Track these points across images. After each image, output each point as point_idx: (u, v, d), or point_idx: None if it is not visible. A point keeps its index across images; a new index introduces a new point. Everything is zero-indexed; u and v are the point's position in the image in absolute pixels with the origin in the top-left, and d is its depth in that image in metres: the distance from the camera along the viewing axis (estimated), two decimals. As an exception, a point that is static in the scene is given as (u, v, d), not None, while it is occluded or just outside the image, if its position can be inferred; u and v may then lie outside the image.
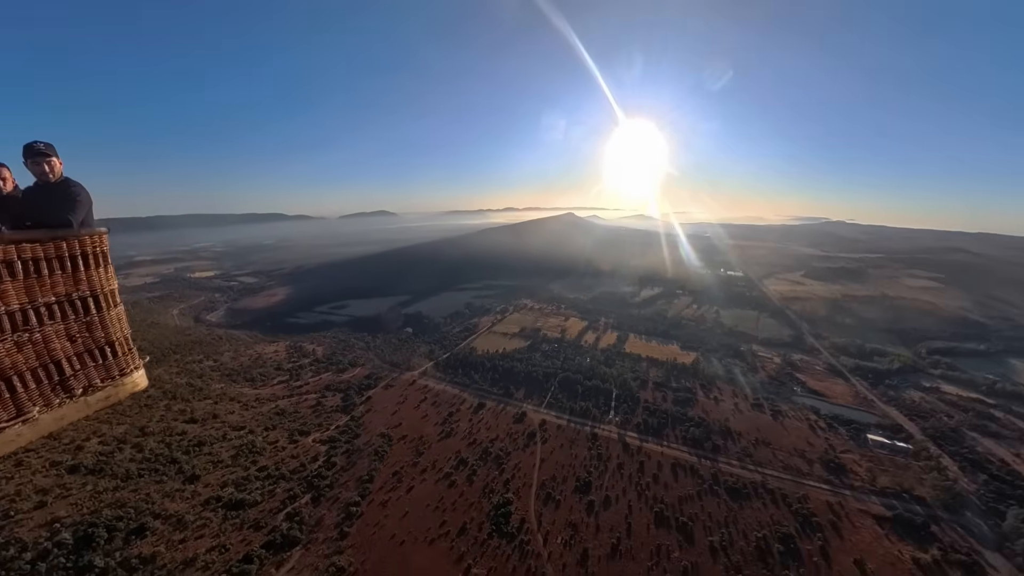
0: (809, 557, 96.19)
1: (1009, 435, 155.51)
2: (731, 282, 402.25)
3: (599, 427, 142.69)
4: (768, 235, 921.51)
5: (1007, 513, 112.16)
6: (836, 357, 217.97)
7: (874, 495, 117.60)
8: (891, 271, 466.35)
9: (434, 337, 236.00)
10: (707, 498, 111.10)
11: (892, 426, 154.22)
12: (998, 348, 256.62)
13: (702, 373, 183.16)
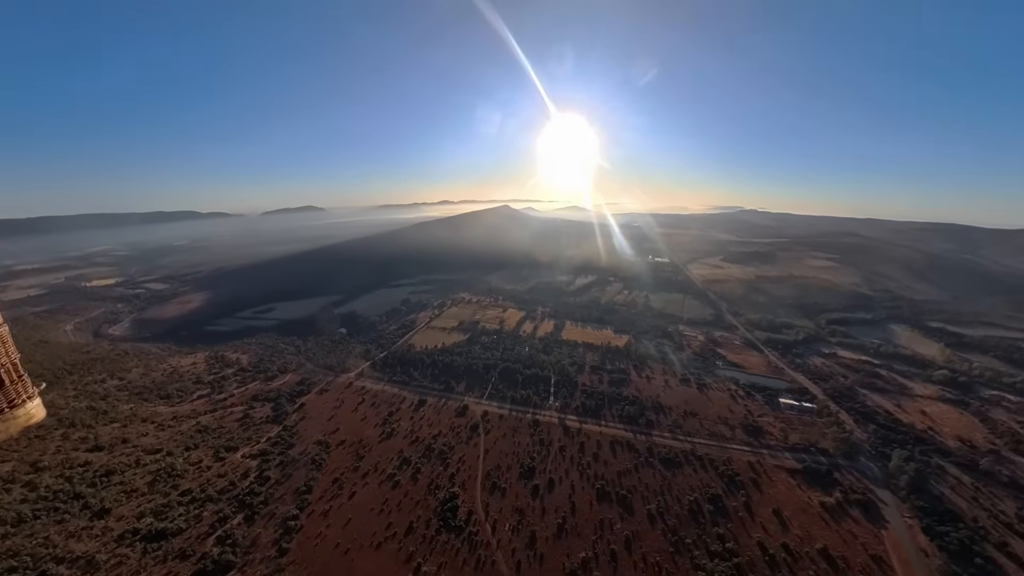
0: (735, 512, 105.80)
1: (891, 389, 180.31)
2: (659, 268, 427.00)
3: (540, 413, 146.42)
4: (692, 223, 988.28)
5: (892, 455, 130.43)
6: (751, 332, 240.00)
7: (787, 451, 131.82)
8: (796, 253, 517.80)
9: (370, 336, 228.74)
10: (644, 470, 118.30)
11: (800, 390, 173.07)
12: (882, 316, 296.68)
13: (635, 354, 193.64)
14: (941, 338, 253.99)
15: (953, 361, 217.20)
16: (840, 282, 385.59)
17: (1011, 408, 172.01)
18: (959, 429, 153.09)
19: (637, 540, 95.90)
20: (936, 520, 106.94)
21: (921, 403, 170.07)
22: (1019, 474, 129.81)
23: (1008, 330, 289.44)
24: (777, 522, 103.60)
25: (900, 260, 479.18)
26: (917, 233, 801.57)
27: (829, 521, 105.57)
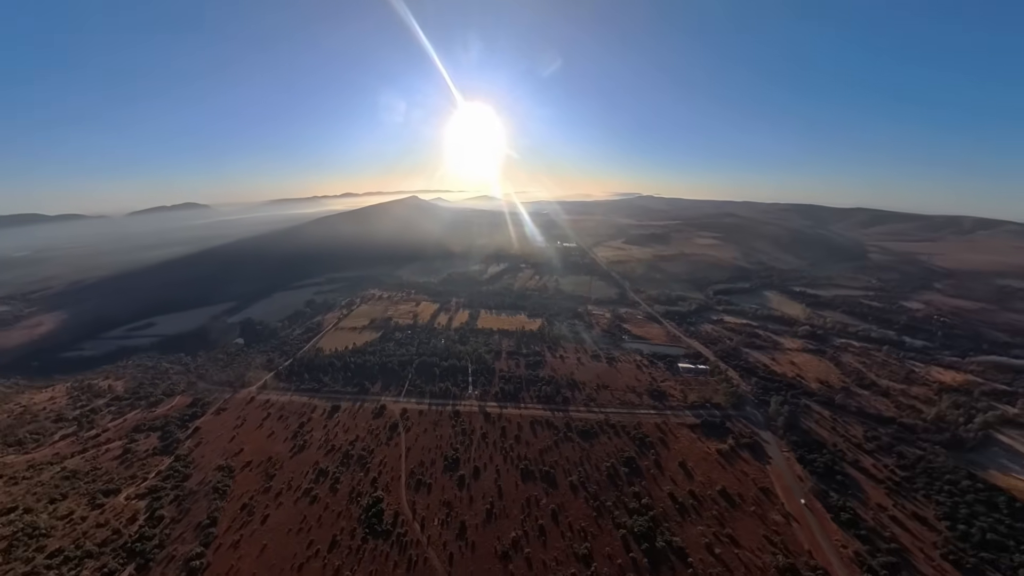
0: (647, 471, 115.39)
1: (767, 346, 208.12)
2: (567, 253, 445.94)
3: (460, 404, 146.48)
4: (596, 209, 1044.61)
5: (771, 401, 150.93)
6: (652, 306, 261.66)
7: (687, 410, 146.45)
8: (687, 234, 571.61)
9: (272, 344, 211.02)
10: (563, 445, 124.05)
11: (695, 354, 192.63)
12: (757, 285, 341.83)
13: (548, 336, 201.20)
14: (803, 300, 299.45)
15: (812, 318, 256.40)
16: (723, 257, 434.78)
17: (856, 352, 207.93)
18: (819, 373, 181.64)
19: (563, 511, 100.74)
20: (807, 450, 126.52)
21: (790, 355, 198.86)
22: (864, 404, 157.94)
23: (851, 289, 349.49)
24: (683, 473, 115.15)
25: (769, 236, 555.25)
26: (782, 213, 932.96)
27: (725, 465, 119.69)
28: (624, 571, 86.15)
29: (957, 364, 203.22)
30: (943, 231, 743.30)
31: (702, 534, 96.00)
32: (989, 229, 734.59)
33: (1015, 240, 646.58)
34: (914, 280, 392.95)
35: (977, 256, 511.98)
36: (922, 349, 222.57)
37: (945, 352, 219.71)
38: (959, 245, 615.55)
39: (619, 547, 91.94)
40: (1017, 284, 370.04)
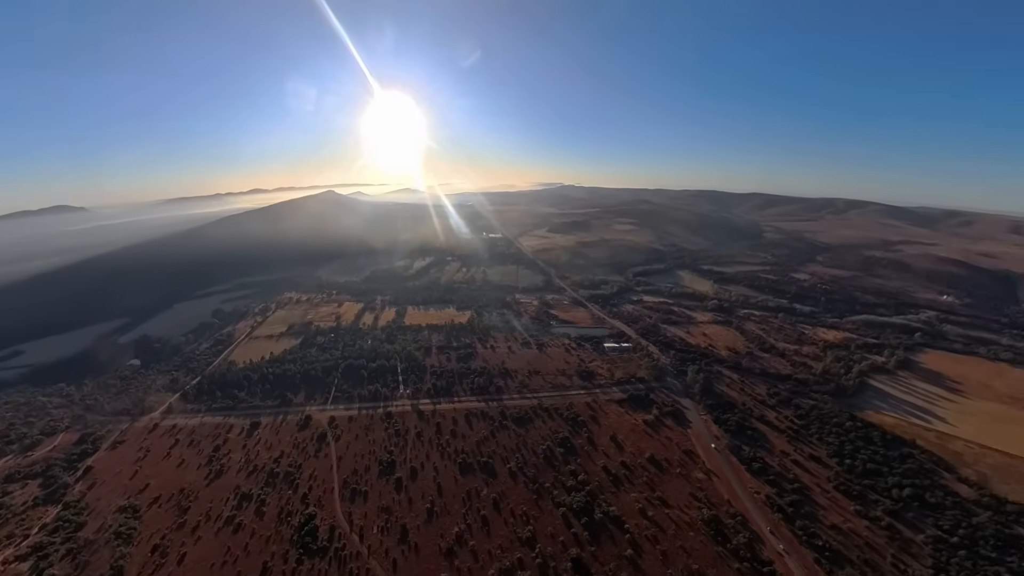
0: (581, 448, 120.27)
1: (682, 320, 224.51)
2: (493, 243, 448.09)
3: (392, 405, 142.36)
4: (519, 200, 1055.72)
5: (687, 371, 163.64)
6: (577, 291, 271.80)
7: (614, 386, 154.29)
8: (606, 221, 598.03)
9: (175, 363, 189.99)
10: (500, 433, 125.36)
11: (618, 333, 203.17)
12: (671, 265, 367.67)
13: (478, 328, 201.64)
14: (711, 277, 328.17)
15: (719, 293, 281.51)
16: (640, 241, 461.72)
17: (757, 320, 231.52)
18: (727, 342, 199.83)
19: (504, 499, 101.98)
20: (721, 411, 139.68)
21: (702, 327, 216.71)
22: (765, 365, 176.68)
23: (751, 265, 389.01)
24: (615, 446, 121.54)
25: (680, 220, 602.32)
26: (690, 199, 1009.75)
27: (652, 434, 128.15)
28: (567, 547, 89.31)
29: (837, 324, 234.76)
30: (823, 211, 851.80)
31: (635, 500, 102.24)
32: (858, 209, 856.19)
33: (878, 218, 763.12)
34: (801, 254, 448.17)
35: (849, 232, 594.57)
36: (809, 314, 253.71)
37: (827, 315, 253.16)
38: (835, 223, 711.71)
39: (560, 525, 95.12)
40: (879, 254, 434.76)
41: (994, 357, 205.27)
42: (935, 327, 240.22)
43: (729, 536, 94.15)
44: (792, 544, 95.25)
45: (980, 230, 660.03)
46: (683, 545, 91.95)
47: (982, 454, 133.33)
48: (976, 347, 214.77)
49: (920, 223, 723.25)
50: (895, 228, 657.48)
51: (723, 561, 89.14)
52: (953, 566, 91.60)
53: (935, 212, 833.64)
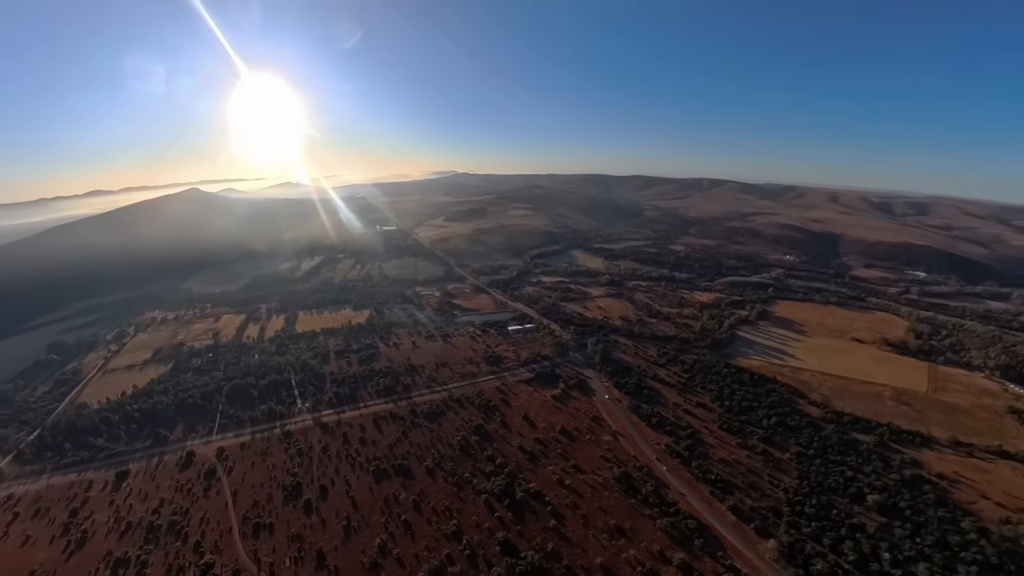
0: (496, 432, 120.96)
1: (579, 297, 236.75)
2: (389, 236, 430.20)
3: (290, 422, 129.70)
4: (413, 189, 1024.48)
5: (587, 343, 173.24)
6: (478, 278, 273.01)
7: (521, 367, 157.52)
8: (502, 207, 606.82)
9: (2, 416, 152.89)
10: (412, 432, 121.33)
11: (521, 316, 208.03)
12: (565, 246, 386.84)
13: (379, 326, 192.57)
14: (601, 254, 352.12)
15: (610, 268, 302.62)
16: (535, 225, 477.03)
17: (644, 290, 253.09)
18: (620, 312, 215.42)
19: (424, 499, 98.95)
20: (620, 376, 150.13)
21: (597, 301, 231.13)
22: (654, 329, 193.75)
23: (635, 241, 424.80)
24: (528, 425, 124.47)
25: (571, 203, 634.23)
26: (579, 182, 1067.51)
27: (561, 407, 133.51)
28: (493, 532, 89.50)
29: (709, 287, 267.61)
30: (691, 190, 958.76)
31: (552, 473, 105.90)
32: (719, 187, 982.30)
33: (736, 194, 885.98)
34: (676, 229, 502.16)
35: (713, 207, 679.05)
36: (686, 280, 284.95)
37: (701, 279, 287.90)
38: (702, 200, 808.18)
39: (484, 512, 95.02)
40: (738, 224, 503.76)
41: (825, 302, 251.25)
42: (782, 282, 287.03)
43: (639, 488, 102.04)
44: (691, 483, 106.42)
45: (810, 201, 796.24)
46: (600, 505, 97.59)
47: (824, 380, 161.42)
48: (812, 295, 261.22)
49: (767, 197, 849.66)
50: (748, 202, 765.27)
51: (636, 511, 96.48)
52: (812, 473, 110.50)
53: (777, 187, 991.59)
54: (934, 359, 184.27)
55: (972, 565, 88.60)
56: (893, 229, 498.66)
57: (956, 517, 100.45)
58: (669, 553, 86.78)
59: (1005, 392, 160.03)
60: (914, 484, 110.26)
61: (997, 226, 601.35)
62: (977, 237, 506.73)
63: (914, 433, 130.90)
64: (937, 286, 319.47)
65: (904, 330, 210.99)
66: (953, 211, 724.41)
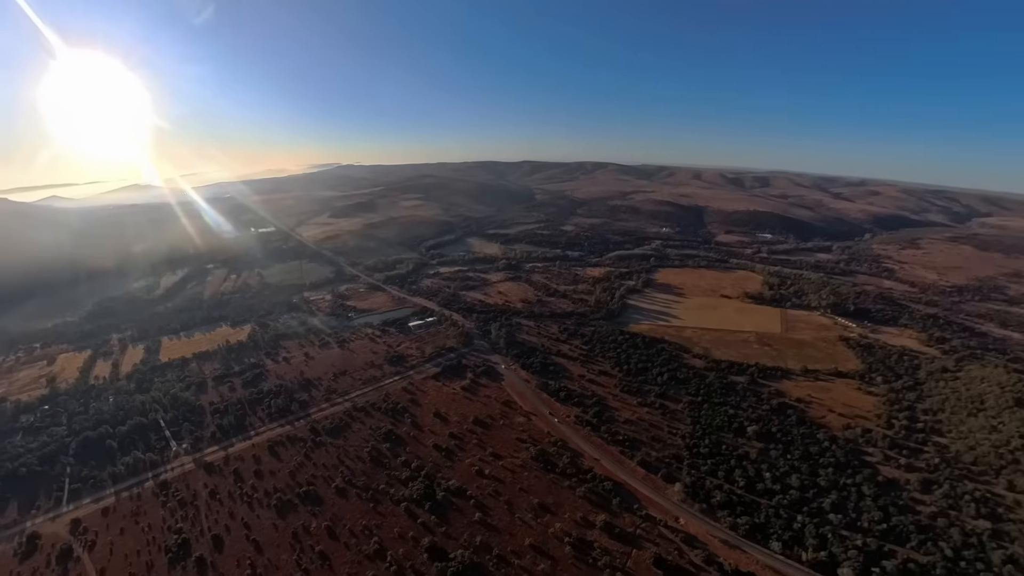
0: (408, 435, 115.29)
1: (479, 284, 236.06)
2: (267, 239, 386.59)
3: (165, 470, 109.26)
4: (292, 185, 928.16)
5: (491, 329, 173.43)
6: (372, 276, 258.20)
7: (427, 363, 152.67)
8: (392, 198, 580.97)
9: None
10: (315, 453, 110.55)
11: (422, 310, 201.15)
12: (461, 235, 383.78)
13: (263, 341, 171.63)
14: (497, 240, 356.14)
15: (507, 252, 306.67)
16: (428, 215, 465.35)
17: (541, 271, 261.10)
18: (520, 295, 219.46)
19: (338, 522, 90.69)
20: (525, 357, 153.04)
21: (497, 286, 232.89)
22: (553, 308, 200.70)
23: (528, 224, 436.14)
24: (440, 421, 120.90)
25: (463, 191, 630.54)
26: (470, 169, 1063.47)
27: (472, 398, 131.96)
28: (418, 540, 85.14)
29: (599, 262, 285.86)
30: (576, 173, 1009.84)
31: (471, 465, 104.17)
32: (602, 169, 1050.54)
33: (616, 175, 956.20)
34: (566, 210, 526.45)
35: (597, 188, 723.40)
36: (579, 258, 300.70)
37: (592, 256, 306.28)
38: (587, 182, 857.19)
39: (406, 521, 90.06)
40: (619, 203, 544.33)
41: (697, 266, 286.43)
42: (661, 252, 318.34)
43: (556, 462, 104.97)
44: (602, 447, 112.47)
45: (678, 179, 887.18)
46: (522, 487, 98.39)
47: (703, 334, 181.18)
48: (687, 261, 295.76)
49: (643, 177, 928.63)
50: (628, 182, 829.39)
51: (556, 485, 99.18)
52: (702, 417, 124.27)
53: (651, 168, 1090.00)
54: (784, 305, 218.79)
55: (828, 468, 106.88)
56: (744, 200, 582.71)
57: (813, 432, 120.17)
58: (592, 517, 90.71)
59: (835, 324, 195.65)
60: (780, 411, 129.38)
61: (819, 193, 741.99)
62: (805, 203, 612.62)
63: (776, 368, 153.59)
64: (780, 245, 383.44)
65: (759, 284, 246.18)
66: (787, 183, 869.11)
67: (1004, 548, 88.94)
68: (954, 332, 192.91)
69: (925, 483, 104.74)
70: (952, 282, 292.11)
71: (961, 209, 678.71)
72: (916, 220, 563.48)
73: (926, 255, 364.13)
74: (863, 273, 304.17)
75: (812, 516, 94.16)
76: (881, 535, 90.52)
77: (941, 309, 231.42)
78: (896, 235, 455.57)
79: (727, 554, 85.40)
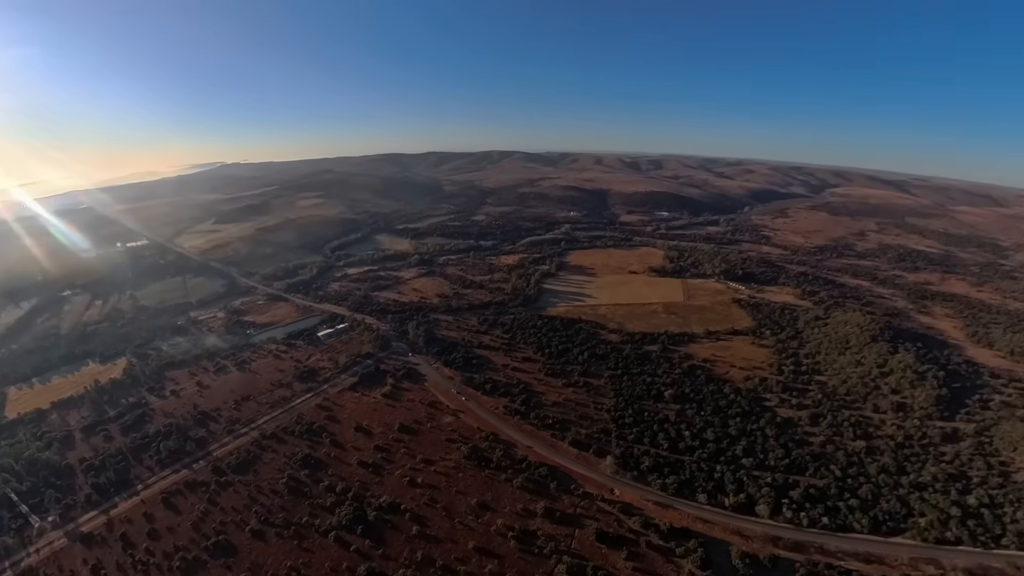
0: (328, 457, 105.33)
1: (391, 283, 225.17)
2: (138, 254, 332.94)
3: (27, 554, 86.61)
4: (165, 190, 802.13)
5: (408, 329, 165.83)
6: (271, 285, 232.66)
7: (342, 374, 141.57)
8: (287, 198, 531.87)
9: None
10: (222, 496, 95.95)
11: (331, 317, 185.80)
12: (368, 232, 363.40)
13: (144, 375, 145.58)
14: (407, 235, 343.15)
15: (418, 247, 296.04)
16: (330, 214, 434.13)
17: (454, 263, 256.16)
18: (436, 289, 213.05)
19: (260, 570, 79.35)
20: (447, 354, 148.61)
21: (411, 283, 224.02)
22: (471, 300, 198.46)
23: (438, 217, 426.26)
24: (363, 435, 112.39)
25: (367, 186, 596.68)
26: (373, 163, 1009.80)
27: (394, 404, 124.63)
28: (353, 570, 77.90)
29: (512, 250, 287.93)
30: (483, 163, 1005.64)
31: (402, 476, 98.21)
32: (508, 158, 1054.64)
33: (523, 163, 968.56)
34: (475, 200, 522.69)
35: (505, 176, 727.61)
36: (492, 247, 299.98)
37: (505, 244, 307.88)
38: (494, 171, 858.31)
39: (337, 552, 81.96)
40: (528, 190, 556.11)
41: (605, 246, 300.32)
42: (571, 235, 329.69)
43: (490, 457, 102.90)
44: (534, 434, 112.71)
45: (581, 164, 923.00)
46: (458, 489, 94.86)
47: (616, 310, 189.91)
48: (595, 242, 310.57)
49: (548, 164, 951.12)
50: (534, 169, 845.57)
51: (492, 480, 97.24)
52: (623, 389, 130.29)
53: (555, 155, 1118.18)
54: (684, 275, 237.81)
55: (736, 417, 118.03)
56: (642, 182, 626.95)
57: (720, 387, 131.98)
58: (532, 506, 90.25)
59: (728, 289, 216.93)
60: (691, 372, 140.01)
61: (704, 173, 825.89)
62: (694, 182, 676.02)
63: (683, 334, 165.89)
64: (676, 221, 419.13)
65: (661, 258, 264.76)
66: (677, 165, 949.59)
67: (877, 460, 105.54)
68: (821, 286, 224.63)
69: (813, 417, 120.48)
70: (815, 243, 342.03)
71: (816, 182, 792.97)
72: (783, 193, 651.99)
73: (793, 222, 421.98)
74: (746, 241, 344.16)
75: (728, 464, 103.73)
76: (785, 469, 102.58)
77: (809, 267, 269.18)
78: (769, 207, 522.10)
79: (661, 515, 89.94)
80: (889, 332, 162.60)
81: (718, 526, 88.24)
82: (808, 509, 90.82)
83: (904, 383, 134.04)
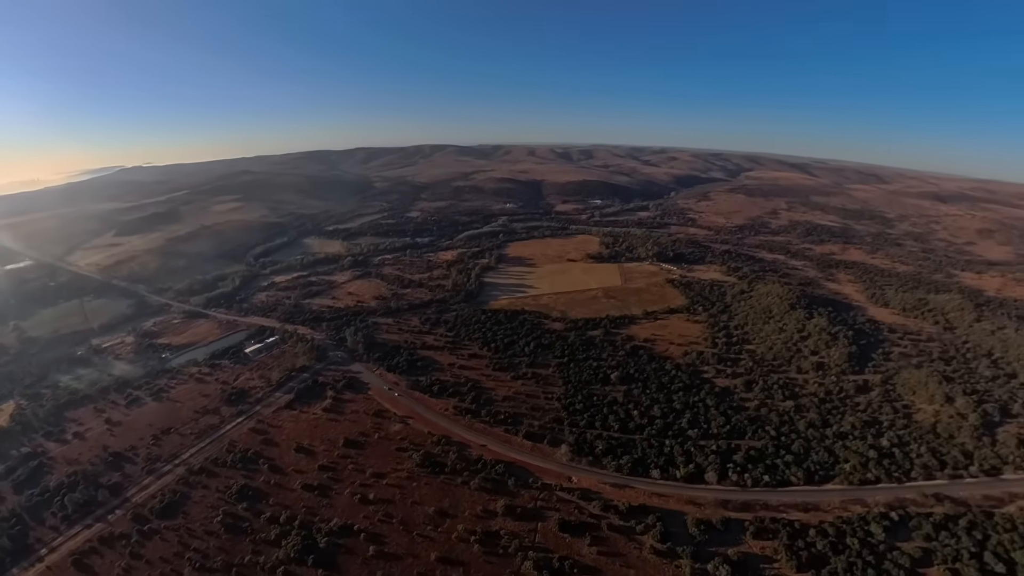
0: (268, 485, 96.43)
1: (324, 288, 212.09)
2: (22, 278, 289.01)
3: None
4: (51, 200, 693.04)
5: (346, 336, 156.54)
6: (187, 301, 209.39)
7: (276, 392, 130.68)
8: (201, 203, 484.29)
9: None
10: (147, 548, 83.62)
11: (259, 330, 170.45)
12: (295, 236, 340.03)
13: (37, 420, 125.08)
14: (338, 236, 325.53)
15: (351, 248, 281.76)
16: (251, 218, 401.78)
17: (391, 263, 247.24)
18: (373, 292, 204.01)
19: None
20: (390, 358, 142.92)
21: (346, 287, 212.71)
22: (411, 299, 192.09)
23: (370, 215, 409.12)
24: (305, 456, 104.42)
25: (291, 186, 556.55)
26: (296, 161, 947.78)
27: (337, 418, 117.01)
28: (303, 607, 72.01)
29: (450, 245, 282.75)
30: (415, 157, 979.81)
31: (351, 495, 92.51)
32: (441, 151, 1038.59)
33: (456, 156, 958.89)
34: (409, 196, 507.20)
35: (438, 171, 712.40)
36: (429, 243, 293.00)
37: (442, 240, 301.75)
38: (427, 165, 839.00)
39: (285, 590, 75.41)
40: (462, 183, 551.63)
41: (542, 236, 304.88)
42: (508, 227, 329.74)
43: (443, 461, 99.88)
44: (486, 431, 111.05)
45: (515, 156, 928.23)
46: (414, 500, 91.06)
47: (558, 298, 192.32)
48: (533, 232, 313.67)
49: (482, 156, 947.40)
50: (467, 162, 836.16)
51: (449, 485, 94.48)
52: (571, 376, 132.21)
53: (488, 147, 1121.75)
54: (620, 260, 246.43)
55: (679, 392, 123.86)
56: (573, 171, 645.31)
57: (662, 364, 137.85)
58: (492, 506, 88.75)
59: (661, 270, 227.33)
60: (633, 353, 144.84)
61: (632, 161, 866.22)
62: (623, 170, 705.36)
63: (623, 317, 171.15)
64: (609, 208, 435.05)
65: (597, 245, 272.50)
66: (607, 154, 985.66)
67: (804, 417, 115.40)
68: (743, 262, 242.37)
69: (747, 383, 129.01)
70: (735, 223, 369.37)
71: (733, 167, 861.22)
72: (704, 178, 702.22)
73: (715, 204, 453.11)
74: (674, 224, 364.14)
75: (676, 437, 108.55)
76: (727, 435, 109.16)
77: (731, 245, 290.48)
78: (693, 191, 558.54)
79: (619, 495, 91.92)
80: (804, 300, 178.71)
81: (672, 498, 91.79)
82: (751, 470, 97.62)
83: (821, 344, 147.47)
